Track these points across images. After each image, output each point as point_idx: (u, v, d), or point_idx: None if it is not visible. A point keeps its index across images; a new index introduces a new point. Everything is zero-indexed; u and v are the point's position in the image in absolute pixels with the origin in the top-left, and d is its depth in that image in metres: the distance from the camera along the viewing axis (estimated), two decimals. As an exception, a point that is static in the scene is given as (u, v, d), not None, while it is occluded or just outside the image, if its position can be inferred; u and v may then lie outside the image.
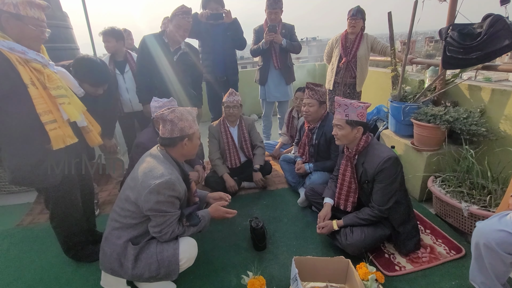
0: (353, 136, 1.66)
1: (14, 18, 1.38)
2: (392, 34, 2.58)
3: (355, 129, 1.64)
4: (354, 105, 1.63)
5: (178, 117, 1.43)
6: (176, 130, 1.43)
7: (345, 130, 1.65)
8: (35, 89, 1.42)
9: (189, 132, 1.46)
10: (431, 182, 2.05)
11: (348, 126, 1.64)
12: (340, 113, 1.67)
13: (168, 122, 1.44)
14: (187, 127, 1.45)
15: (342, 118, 1.65)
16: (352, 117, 1.63)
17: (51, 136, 1.46)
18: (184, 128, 1.44)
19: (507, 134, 1.96)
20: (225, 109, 2.49)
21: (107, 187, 2.87)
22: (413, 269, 1.63)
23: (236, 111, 2.48)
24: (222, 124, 2.55)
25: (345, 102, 1.65)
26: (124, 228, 1.42)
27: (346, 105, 1.64)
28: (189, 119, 1.47)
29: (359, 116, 1.63)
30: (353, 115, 1.63)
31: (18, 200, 2.68)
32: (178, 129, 1.43)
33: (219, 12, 2.69)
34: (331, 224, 1.73)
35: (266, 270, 1.68)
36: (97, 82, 1.94)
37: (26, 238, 2.11)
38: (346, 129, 1.64)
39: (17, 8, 1.36)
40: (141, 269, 1.40)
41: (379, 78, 3.40)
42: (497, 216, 1.19)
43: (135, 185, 1.38)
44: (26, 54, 1.43)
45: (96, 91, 1.98)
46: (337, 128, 1.68)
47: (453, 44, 1.91)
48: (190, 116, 1.48)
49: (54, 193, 1.61)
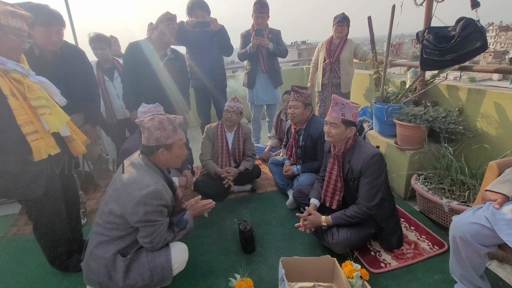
0: (345, 135, 1.69)
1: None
2: (373, 37, 2.66)
3: (349, 128, 1.67)
4: (350, 105, 1.66)
5: (155, 126, 1.39)
6: (152, 139, 1.39)
7: (340, 129, 1.66)
8: (15, 100, 1.40)
9: (166, 142, 1.40)
10: (414, 180, 2.11)
11: (343, 125, 1.66)
12: (336, 112, 1.67)
13: (146, 130, 1.40)
14: (163, 137, 1.40)
15: (338, 117, 1.66)
16: (347, 117, 1.65)
17: (33, 147, 1.44)
18: (160, 138, 1.39)
19: (483, 132, 2.04)
20: (224, 112, 2.51)
21: (95, 195, 2.84)
22: (398, 265, 1.67)
23: (235, 117, 2.49)
24: (219, 127, 2.56)
25: (342, 101, 1.67)
26: (111, 241, 1.37)
27: (343, 104, 1.66)
28: (168, 129, 1.41)
29: (354, 116, 1.67)
30: (349, 115, 1.66)
31: (2, 211, 2.62)
32: (154, 138, 1.39)
33: (206, 21, 2.73)
34: (319, 216, 1.74)
35: (255, 272, 1.69)
36: (48, 22, 1.80)
37: (11, 250, 2.07)
38: (341, 128, 1.66)
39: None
40: (133, 279, 1.37)
41: (364, 80, 3.49)
42: (471, 210, 1.24)
43: (119, 197, 1.33)
44: (5, 65, 1.41)
45: (49, 36, 1.83)
46: (331, 126, 1.68)
47: (429, 46, 1.98)
48: (170, 125, 1.42)
49: (36, 205, 1.58)
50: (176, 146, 1.46)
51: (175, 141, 1.44)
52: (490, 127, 2.00)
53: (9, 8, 1.37)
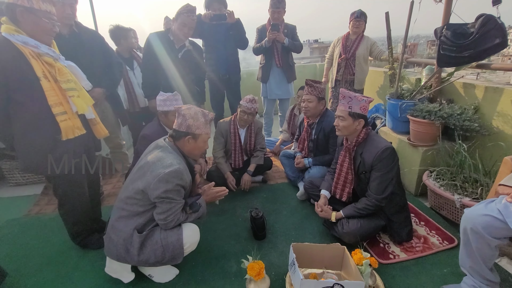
0: (354, 128, 1.72)
1: (28, 12, 1.44)
2: (390, 34, 2.66)
3: (357, 121, 1.70)
4: (358, 98, 1.69)
5: (190, 114, 1.51)
6: (184, 125, 1.51)
7: (347, 121, 1.70)
8: (47, 82, 1.50)
9: (195, 131, 1.51)
10: (426, 176, 2.11)
11: (350, 118, 1.69)
12: (343, 105, 1.71)
13: (181, 116, 1.52)
14: (194, 126, 1.51)
15: (345, 110, 1.70)
16: (354, 110, 1.68)
17: (62, 127, 1.54)
18: (191, 126, 1.50)
19: (499, 130, 2.03)
20: (241, 113, 2.46)
21: (112, 180, 2.95)
22: (407, 257, 1.69)
23: (251, 118, 2.48)
24: (232, 124, 2.54)
25: (350, 95, 1.70)
26: (131, 216, 1.47)
27: (350, 97, 1.69)
28: (200, 120, 1.52)
29: (362, 109, 1.69)
30: (356, 108, 1.69)
31: (26, 191, 2.76)
32: (186, 125, 1.51)
33: (222, 13, 2.78)
34: (330, 212, 1.80)
35: (265, 257, 1.74)
36: None
37: (34, 227, 2.19)
38: (348, 120, 1.70)
39: (31, 2, 1.42)
40: (147, 255, 1.47)
41: (378, 77, 3.48)
42: (483, 202, 1.25)
43: (143, 174, 1.44)
44: (39, 48, 1.51)
45: (63, 9, 1.92)
46: (339, 119, 1.73)
47: (447, 43, 1.98)
48: (203, 118, 1.54)
49: (63, 182, 1.69)
50: (202, 138, 1.55)
51: (202, 133, 1.54)
52: (506, 125, 1.98)
53: None
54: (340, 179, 1.87)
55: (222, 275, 1.64)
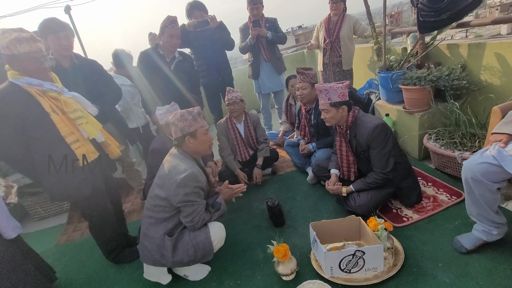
0: (340, 115, 1.82)
1: (13, 58, 1.50)
2: (368, 9, 2.73)
3: (340, 109, 1.80)
4: (333, 88, 1.78)
5: (177, 119, 1.60)
6: (178, 131, 1.60)
7: (331, 112, 1.81)
8: (56, 115, 1.60)
9: (189, 130, 1.59)
10: (426, 139, 2.20)
11: (333, 108, 1.80)
12: (323, 98, 1.82)
13: (172, 125, 1.62)
14: (186, 126, 1.59)
15: (326, 103, 1.80)
16: (334, 99, 1.78)
17: (77, 153, 1.65)
18: (183, 127, 1.59)
19: (487, 83, 2.11)
20: (227, 107, 2.61)
21: (129, 198, 3.07)
22: (420, 217, 1.79)
23: (238, 106, 2.59)
24: (228, 121, 2.68)
25: (325, 87, 1.80)
26: (159, 222, 1.59)
27: (326, 89, 1.80)
28: (188, 119, 1.60)
29: (340, 96, 1.78)
30: (335, 97, 1.78)
31: (50, 223, 2.88)
32: (179, 129, 1.60)
33: (205, 19, 2.86)
34: (340, 187, 1.90)
35: (288, 241, 1.84)
36: (56, 29, 1.92)
37: (67, 253, 2.31)
38: (332, 111, 1.80)
39: (9, 49, 1.46)
40: (180, 256, 1.58)
41: (366, 53, 3.54)
42: (479, 152, 1.34)
43: (163, 183, 1.55)
44: (43, 86, 1.59)
45: (59, 41, 1.95)
46: (324, 112, 1.85)
47: (424, 9, 2.05)
48: (189, 116, 1.61)
49: (88, 204, 1.80)
50: (200, 132, 1.63)
51: (197, 128, 1.62)
52: (493, 77, 2.06)
53: (12, 36, 1.46)
54: (343, 161, 1.97)
55: (251, 264, 1.76)
